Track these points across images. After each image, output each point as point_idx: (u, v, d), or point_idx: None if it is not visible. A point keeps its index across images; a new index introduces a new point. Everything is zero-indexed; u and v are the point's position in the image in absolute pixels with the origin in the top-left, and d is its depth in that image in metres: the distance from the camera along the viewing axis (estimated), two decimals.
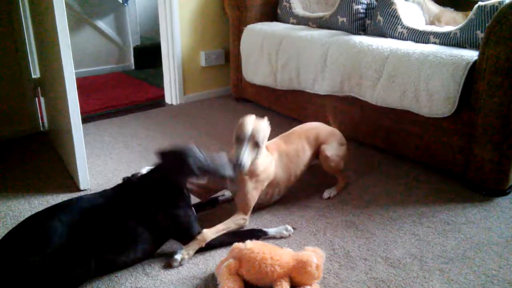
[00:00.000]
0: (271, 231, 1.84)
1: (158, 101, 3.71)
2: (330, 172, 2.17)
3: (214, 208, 2.06)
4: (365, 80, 2.51)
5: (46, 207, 1.66)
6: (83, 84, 4.14)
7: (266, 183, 1.93)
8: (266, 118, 1.90)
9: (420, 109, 2.29)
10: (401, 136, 2.46)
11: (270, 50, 3.08)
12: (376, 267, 1.65)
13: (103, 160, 2.58)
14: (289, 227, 1.86)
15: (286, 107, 3.17)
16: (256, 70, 3.25)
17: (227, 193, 2.13)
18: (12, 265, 1.39)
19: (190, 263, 1.69)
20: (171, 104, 3.65)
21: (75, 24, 4.48)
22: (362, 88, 2.54)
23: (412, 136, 2.40)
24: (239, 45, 3.37)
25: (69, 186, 2.25)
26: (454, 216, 1.99)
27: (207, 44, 3.68)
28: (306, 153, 2.09)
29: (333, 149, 2.13)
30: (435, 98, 2.20)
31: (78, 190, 2.21)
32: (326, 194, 2.15)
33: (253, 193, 1.88)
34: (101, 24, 4.71)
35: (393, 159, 2.55)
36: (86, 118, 3.21)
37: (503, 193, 2.14)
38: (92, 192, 2.05)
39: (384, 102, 2.44)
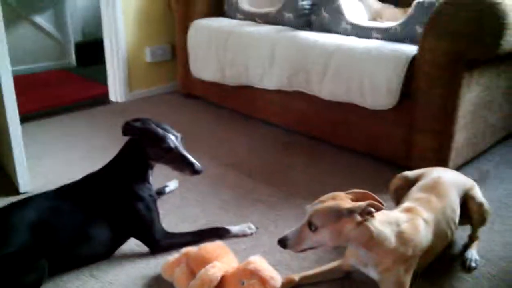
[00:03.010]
0: (234, 229, 1.82)
1: (102, 99, 3.58)
2: (476, 226, 1.71)
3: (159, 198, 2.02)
4: (312, 75, 2.55)
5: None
6: (21, 82, 3.89)
7: (417, 257, 1.42)
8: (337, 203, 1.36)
9: (364, 102, 2.36)
10: (347, 129, 2.52)
11: (218, 46, 3.06)
12: (326, 256, 1.69)
13: (44, 161, 2.46)
14: (252, 226, 1.85)
15: (236, 103, 3.16)
16: (204, 66, 3.22)
17: (171, 185, 2.15)
18: None
19: (141, 263, 1.66)
20: (116, 102, 3.54)
21: (11, 20, 4.22)
22: (310, 82, 2.58)
23: (358, 128, 2.47)
24: (185, 40, 3.32)
25: (8, 189, 2.13)
26: None
27: (153, 39, 3.60)
28: (458, 207, 1.62)
29: (479, 198, 1.69)
30: (378, 91, 2.27)
31: (18, 193, 2.10)
32: (473, 264, 1.65)
33: (405, 273, 1.40)
34: (39, 19, 4.48)
35: (340, 150, 2.61)
36: (25, 118, 3.04)
37: None
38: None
39: (331, 96, 2.49)
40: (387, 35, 2.45)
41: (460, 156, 2.28)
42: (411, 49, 2.21)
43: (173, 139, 1.69)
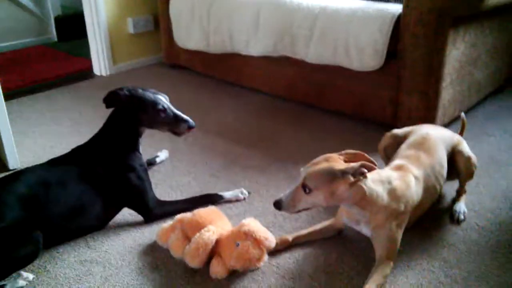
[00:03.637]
0: (227, 194, 1.83)
1: (86, 73, 3.52)
2: (464, 180, 1.75)
3: (150, 168, 2.05)
4: (298, 39, 2.52)
5: None
6: (1, 59, 3.84)
7: (409, 212, 1.47)
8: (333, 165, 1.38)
9: (351, 64, 2.35)
10: (335, 92, 2.52)
11: (201, 13, 3.00)
12: (318, 216, 1.72)
13: (31, 137, 2.44)
14: (244, 190, 1.86)
15: (222, 72, 3.13)
16: (188, 35, 3.16)
17: (162, 155, 2.16)
18: None
19: (136, 231, 1.67)
20: (101, 75, 3.48)
21: None
22: (296, 47, 2.56)
23: (345, 91, 2.47)
24: (168, 9, 3.26)
25: None
26: None
27: (134, 10, 3.52)
28: (445, 162, 1.66)
29: (466, 153, 1.73)
30: (364, 52, 2.26)
31: (7, 170, 2.08)
32: (462, 216, 1.69)
33: (398, 233, 1.43)
34: None
35: (328, 115, 2.62)
36: (8, 96, 2.99)
37: None
38: None
39: (317, 59, 2.48)
40: None
41: (447, 114, 2.30)
42: (397, 8, 2.19)
43: (164, 100, 1.71)
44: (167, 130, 1.73)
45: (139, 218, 1.73)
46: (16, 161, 2.10)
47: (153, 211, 1.71)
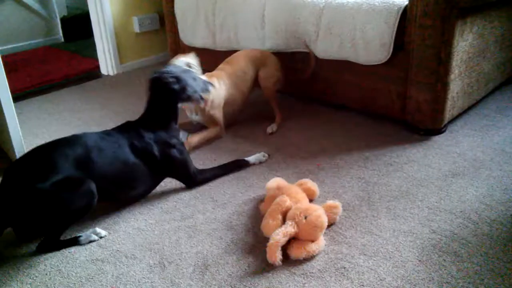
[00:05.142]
0: (251, 159, 2.09)
1: (93, 73, 3.54)
2: (267, 96, 2.48)
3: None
4: (305, 34, 2.51)
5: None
6: (9, 61, 3.87)
7: (222, 105, 2.32)
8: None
9: (357, 58, 2.34)
10: (342, 86, 2.51)
11: (206, 10, 3.00)
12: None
13: (41, 138, 2.46)
14: (265, 154, 2.13)
15: None
16: (194, 32, 3.16)
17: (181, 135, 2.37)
18: (21, 192, 1.49)
19: (147, 230, 1.68)
20: (108, 75, 3.50)
21: None
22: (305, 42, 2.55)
23: (351, 85, 2.46)
24: (173, 7, 3.25)
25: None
26: (396, 157, 2.08)
27: (139, 8, 3.53)
28: (250, 72, 2.44)
29: (270, 71, 2.47)
30: (371, 46, 2.25)
31: None
32: (269, 129, 2.38)
33: (216, 112, 2.28)
34: None
35: (335, 109, 2.61)
36: (17, 97, 3.02)
37: (439, 131, 2.26)
38: None
39: (324, 54, 2.47)
40: None
41: (456, 106, 2.28)
42: (402, 0, 2.17)
43: (192, 74, 1.95)
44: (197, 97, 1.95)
45: (148, 216, 1.75)
46: None
47: (195, 179, 1.92)
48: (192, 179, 1.92)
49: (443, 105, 2.18)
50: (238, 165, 2.06)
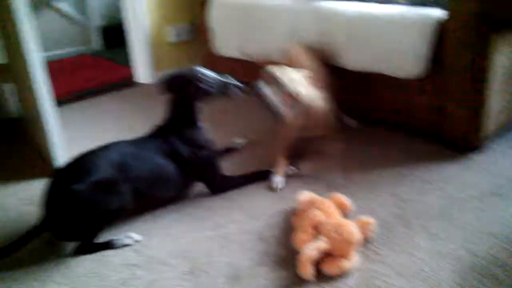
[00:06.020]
0: None
1: (128, 81, 3.62)
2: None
3: (230, 155, 2.30)
4: (337, 46, 2.51)
5: (84, 152, 1.73)
6: (49, 68, 3.97)
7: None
8: None
9: (391, 71, 2.31)
10: (374, 100, 2.49)
11: (239, 21, 3.03)
12: None
13: (79, 142, 2.51)
14: (293, 167, 2.08)
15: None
16: (227, 43, 3.20)
17: (237, 141, 2.40)
18: (58, 193, 1.58)
19: (180, 237, 1.70)
20: (143, 83, 3.57)
21: (36, 7, 4.28)
22: (336, 54, 2.54)
23: (386, 100, 2.43)
24: (207, 17, 3.31)
25: (45, 171, 2.19)
26: (432, 174, 2.04)
27: (175, 19, 3.60)
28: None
29: None
30: (405, 59, 2.22)
31: None
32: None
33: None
34: (62, 5, 4.53)
35: (369, 124, 2.58)
36: (58, 103, 3.10)
37: (477, 149, 2.21)
38: None
39: (357, 65, 2.45)
40: None
41: (495, 123, 2.22)
42: (439, 13, 2.14)
43: (204, 71, 1.89)
44: (220, 96, 1.92)
45: (181, 223, 1.77)
46: None
47: (220, 183, 1.95)
48: (217, 184, 1.95)
49: (481, 122, 2.13)
50: (263, 176, 2.05)
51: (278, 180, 2.01)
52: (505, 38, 2.07)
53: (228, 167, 2.17)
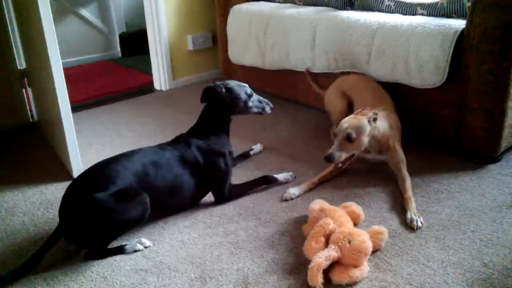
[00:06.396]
0: (280, 177, 2.10)
1: (147, 87, 3.68)
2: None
3: (244, 161, 2.34)
4: (357, 56, 2.50)
5: (96, 163, 1.76)
6: (70, 73, 4.07)
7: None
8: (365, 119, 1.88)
9: (411, 81, 2.29)
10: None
11: (258, 30, 3.05)
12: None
13: (95, 148, 2.56)
14: (293, 175, 2.12)
15: (277, 87, 3.15)
16: (244, 52, 3.22)
17: (256, 148, 2.42)
18: (79, 201, 1.58)
19: (190, 243, 1.70)
20: (161, 90, 3.62)
21: (58, 14, 4.40)
22: (356, 64, 2.53)
23: (404, 109, 2.40)
24: (225, 26, 3.34)
25: (62, 175, 2.24)
26: (447, 184, 2.01)
27: (194, 27, 3.64)
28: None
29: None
30: (425, 69, 2.20)
31: (71, 178, 2.19)
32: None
33: (400, 148, 2.08)
34: (85, 12, 4.64)
35: None
36: (75, 108, 3.17)
37: (494, 160, 2.16)
38: None
39: (376, 75, 2.43)
40: (433, 10, 2.37)
41: None
42: (459, 24, 2.12)
43: (248, 89, 1.96)
44: (255, 113, 2.00)
45: (192, 229, 1.78)
46: (79, 170, 2.20)
47: (227, 194, 1.95)
48: (224, 194, 1.95)
49: (500, 133, 2.09)
50: (266, 181, 2.07)
51: (293, 191, 1.99)
52: None
53: (234, 171, 2.18)
